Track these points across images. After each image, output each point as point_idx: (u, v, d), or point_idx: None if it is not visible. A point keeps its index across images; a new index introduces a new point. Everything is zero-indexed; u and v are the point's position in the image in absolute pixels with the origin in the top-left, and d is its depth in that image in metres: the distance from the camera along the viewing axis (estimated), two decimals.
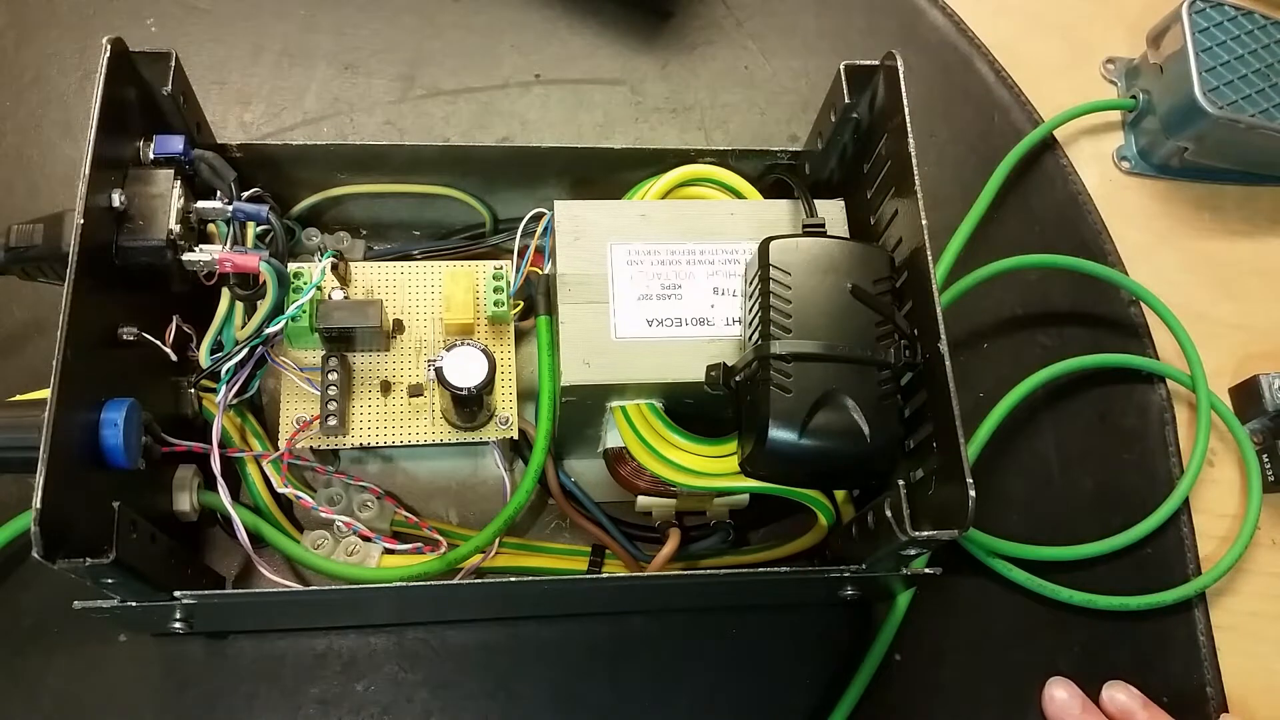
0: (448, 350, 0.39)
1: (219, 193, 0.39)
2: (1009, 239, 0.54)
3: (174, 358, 0.38)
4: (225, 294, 0.40)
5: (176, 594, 0.36)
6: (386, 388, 0.41)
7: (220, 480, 0.38)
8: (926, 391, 0.36)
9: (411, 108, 0.53)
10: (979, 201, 0.53)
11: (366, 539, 0.41)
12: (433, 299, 0.43)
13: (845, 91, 0.41)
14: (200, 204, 0.39)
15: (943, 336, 0.35)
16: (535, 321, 0.42)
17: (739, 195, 0.44)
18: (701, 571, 0.43)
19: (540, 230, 0.43)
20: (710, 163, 0.45)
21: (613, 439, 0.40)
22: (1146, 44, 0.58)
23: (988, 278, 0.50)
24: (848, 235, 0.42)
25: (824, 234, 0.40)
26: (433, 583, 0.39)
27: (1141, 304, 0.53)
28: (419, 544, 0.41)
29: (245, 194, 0.40)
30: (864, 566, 0.39)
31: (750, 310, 0.38)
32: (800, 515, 0.43)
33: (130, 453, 0.33)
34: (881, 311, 0.36)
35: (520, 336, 0.44)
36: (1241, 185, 0.59)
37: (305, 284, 0.40)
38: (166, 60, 0.38)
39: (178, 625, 0.38)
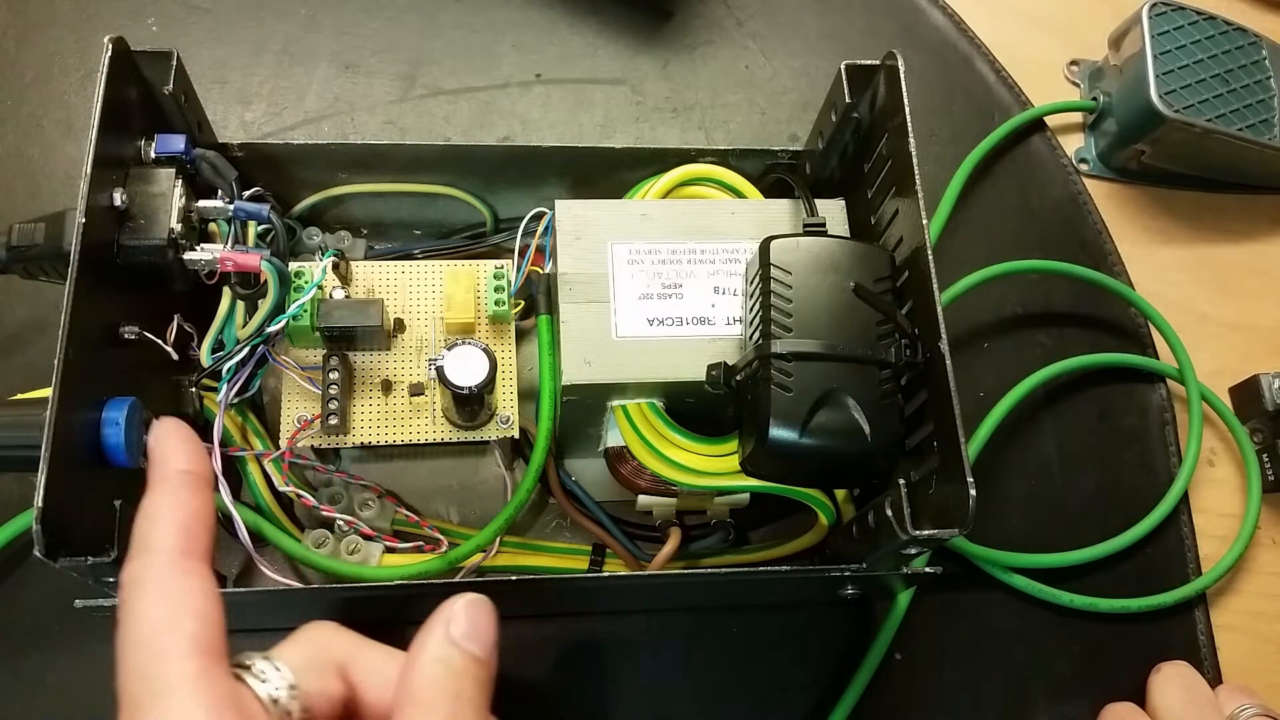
0: (449, 349, 0.39)
1: (220, 192, 0.39)
2: (1010, 239, 0.54)
3: (175, 357, 0.38)
4: (226, 293, 0.40)
5: None
6: (387, 387, 0.41)
7: (221, 479, 0.38)
8: (927, 391, 0.36)
9: (412, 107, 0.53)
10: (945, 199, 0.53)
11: (368, 538, 0.41)
12: (434, 298, 0.43)
13: (846, 91, 0.41)
14: (201, 203, 0.39)
15: (943, 336, 0.35)
16: (536, 321, 0.42)
17: (740, 195, 0.44)
18: (702, 571, 0.43)
19: (541, 229, 0.43)
20: (711, 162, 0.45)
21: (613, 438, 0.40)
22: (1108, 46, 0.58)
23: (988, 279, 0.50)
24: (848, 235, 0.42)
25: (825, 233, 0.40)
26: (434, 581, 0.39)
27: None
28: (420, 543, 0.41)
29: (246, 193, 0.40)
30: (864, 565, 0.39)
31: (751, 309, 0.38)
32: (800, 514, 0.43)
33: (132, 451, 0.33)
34: (883, 310, 0.36)
35: (521, 336, 0.44)
36: (1199, 192, 0.58)
37: (306, 283, 0.40)
38: (168, 59, 0.38)
39: None
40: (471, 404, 0.40)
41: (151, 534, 0.26)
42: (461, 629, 0.28)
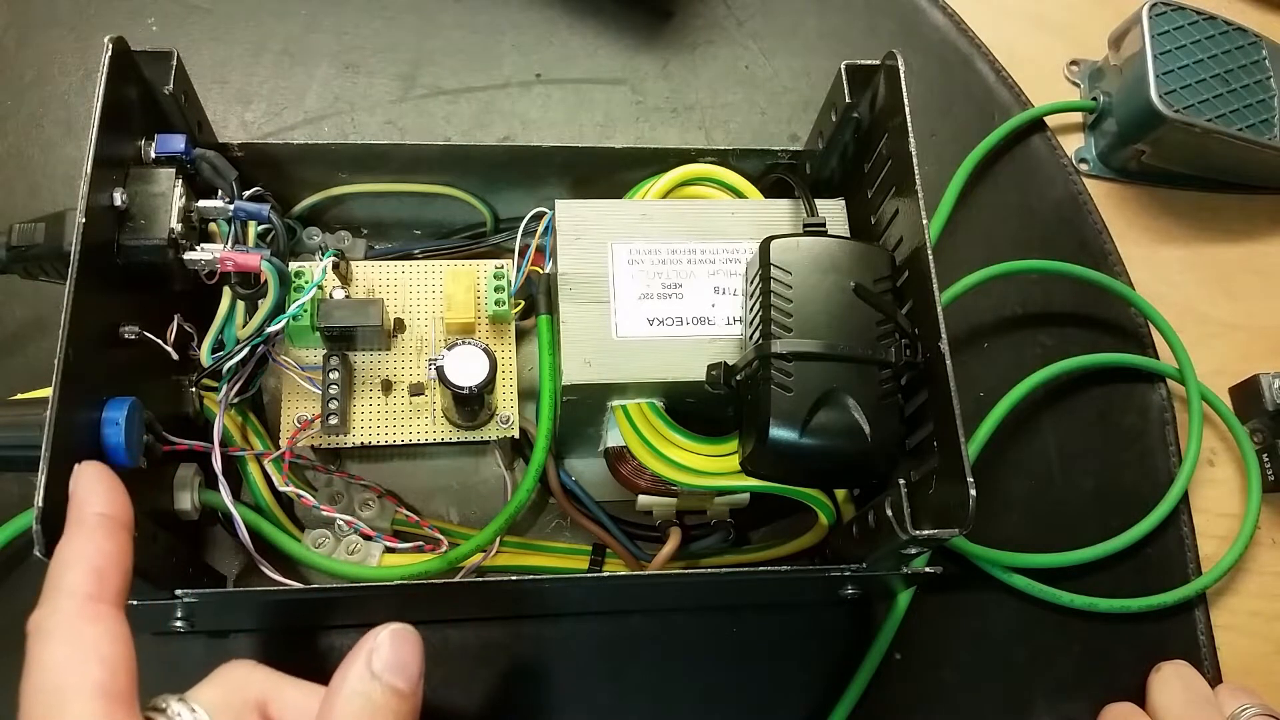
0: (449, 349, 0.39)
1: (220, 192, 0.39)
2: (1010, 239, 0.54)
3: (175, 356, 0.38)
4: (226, 293, 0.39)
5: (178, 592, 0.36)
6: (388, 387, 0.41)
7: (221, 479, 0.38)
8: (927, 391, 0.36)
9: (412, 107, 0.53)
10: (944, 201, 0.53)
11: (367, 538, 0.41)
12: (434, 298, 0.43)
13: (846, 91, 0.41)
14: (201, 203, 0.39)
15: (943, 335, 0.35)
16: (536, 320, 0.42)
17: (740, 194, 0.44)
18: (702, 571, 0.43)
19: (541, 229, 0.43)
20: (711, 162, 0.45)
21: (613, 438, 0.40)
22: (1108, 46, 0.58)
23: (988, 279, 0.50)
24: (848, 234, 0.42)
25: (825, 233, 0.40)
26: (434, 581, 0.39)
27: None
28: (420, 543, 0.41)
29: (246, 193, 0.40)
30: (864, 565, 0.39)
31: (751, 309, 0.38)
32: (801, 514, 0.43)
33: (132, 451, 0.33)
34: (883, 310, 0.36)
35: (521, 335, 0.44)
36: (1199, 192, 0.58)
37: (306, 283, 0.40)
38: (168, 59, 0.38)
39: (179, 624, 0.38)
40: (471, 404, 0.40)
41: (62, 578, 0.26)
42: (384, 661, 0.27)
